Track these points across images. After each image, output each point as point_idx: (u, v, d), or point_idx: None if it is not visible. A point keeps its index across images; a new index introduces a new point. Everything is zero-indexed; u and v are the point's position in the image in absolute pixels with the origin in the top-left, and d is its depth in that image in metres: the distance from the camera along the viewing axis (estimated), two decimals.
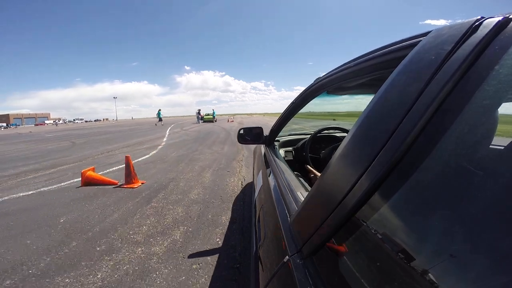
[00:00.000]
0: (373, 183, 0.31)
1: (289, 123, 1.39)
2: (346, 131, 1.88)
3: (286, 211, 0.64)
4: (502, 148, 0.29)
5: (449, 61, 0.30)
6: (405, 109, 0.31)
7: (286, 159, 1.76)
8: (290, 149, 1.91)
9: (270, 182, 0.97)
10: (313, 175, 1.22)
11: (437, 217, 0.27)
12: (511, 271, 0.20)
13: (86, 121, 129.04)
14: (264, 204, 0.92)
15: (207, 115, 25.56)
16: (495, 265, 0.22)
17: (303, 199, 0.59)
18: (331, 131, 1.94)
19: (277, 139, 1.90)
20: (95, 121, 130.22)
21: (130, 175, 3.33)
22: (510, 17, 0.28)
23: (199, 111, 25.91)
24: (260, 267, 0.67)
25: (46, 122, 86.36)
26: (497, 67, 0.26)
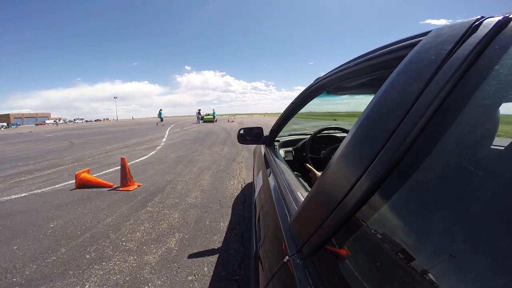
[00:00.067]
0: (373, 183, 0.31)
1: (289, 123, 1.39)
2: (346, 131, 1.88)
3: (286, 211, 0.64)
4: (502, 148, 0.29)
5: (449, 61, 0.30)
6: (405, 109, 0.31)
7: (286, 159, 1.76)
8: (290, 149, 1.91)
9: (270, 182, 0.97)
10: (312, 173, 1.22)
11: (437, 217, 0.27)
12: (511, 271, 0.20)
13: (86, 121, 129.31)
14: (264, 204, 0.92)
15: (207, 115, 25.56)
16: (495, 265, 0.22)
17: (303, 199, 0.59)
18: (331, 131, 1.94)
19: (277, 139, 1.90)
20: (95, 121, 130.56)
21: (125, 177, 3.24)
22: (510, 17, 0.28)
23: (199, 111, 25.91)
24: (260, 267, 0.67)
25: (47, 122, 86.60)
26: (497, 67, 0.26)
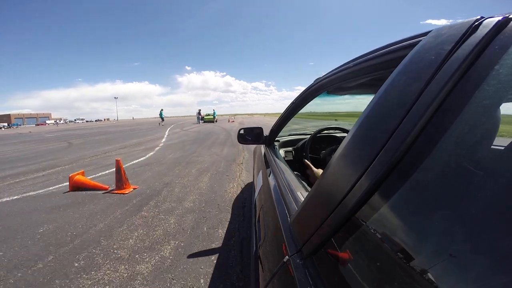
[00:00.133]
0: (373, 183, 0.31)
1: (289, 123, 1.39)
2: (346, 131, 1.88)
3: (286, 211, 0.64)
4: (502, 148, 0.29)
5: (449, 61, 0.30)
6: (405, 109, 0.31)
7: (286, 159, 1.76)
8: (290, 149, 1.91)
9: (270, 182, 0.97)
10: (309, 170, 1.21)
11: (437, 217, 0.27)
12: (511, 271, 0.20)
13: (87, 121, 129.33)
14: (264, 204, 0.92)
15: (207, 115, 25.60)
16: (495, 265, 0.22)
17: (303, 199, 0.59)
18: (331, 131, 1.94)
19: (277, 139, 1.91)
20: (96, 121, 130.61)
21: (121, 180, 3.13)
22: (510, 17, 0.28)
23: (199, 111, 25.94)
24: (260, 267, 0.67)
25: (47, 122, 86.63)
26: (497, 67, 0.26)
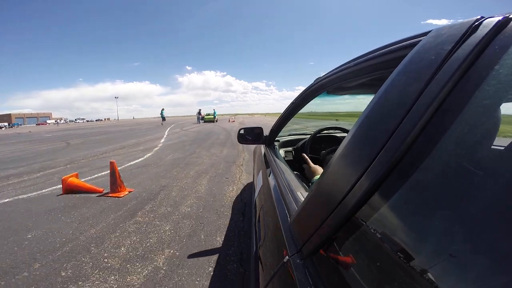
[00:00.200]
0: (373, 183, 0.31)
1: (289, 123, 1.39)
2: (346, 131, 1.88)
3: (286, 211, 0.64)
4: (503, 148, 0.29)
5: (449, 61, 0.30)
6: (405, 109, 0.31)
7: (286, 159, 1.76)
8: (290, 149, 1.91)
9: (270, 182, 0.97)
10: (306, 165, 1.21)
11: (437, 217, 0.27)
12: (511, 271, 0.20)
13: (87, 120, 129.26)
14: (264, 204, 0.92)
15: (207, 115, 25.66)
16: (495, 265, 0.22)
17: (303, 199, 0.59)
18: (331, 131, 1.94)
19: (277, 139, 1.90)
20: (96, 120, 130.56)
21: (115, 182, 3.02)
22: (510, 17, 0.28)
23: (199, 111, 25.97)
24: (260, 267, 0.67)
25: (48, 122, 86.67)
26: (497, 67, 0.26)
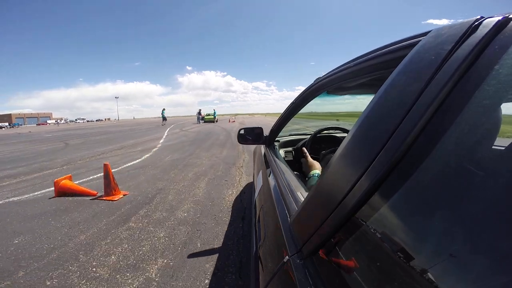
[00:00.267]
0: (373, 183, 0.31)
1: (289, 123, 1.39)
2: (346, 131, 1.88)
3: (286, 211, 0.64)
4: (503, 148, 0.29)
5: (449, 61, 0.30)
6: (405, 109, 0.31)
7: (286, 159, 1.76)
8: (290, 149, 1.91)
9: (270, 182, 0.97)
10: (304, 159, 1.21)
11: (437, 217, 0.27)
12: (511, 271, 0.20)
13: (88, 120, 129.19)
14: (264, 204, 0.92)
15: (207, 115, 25.67)
16: (495, 265, 0.22)
17: (303, 199, 0.59)
18: (331, 131, 1.94)
19: (277, 139, 1.90)
20: (96, 120, 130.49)
21: (109, 185, 2.92)
22: (510, 17, 0.28)
23: (199, 111, 25.99)
24: (260, 267, 0.67)
25: (48, 122, 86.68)
26: (497, 67, 0.26)
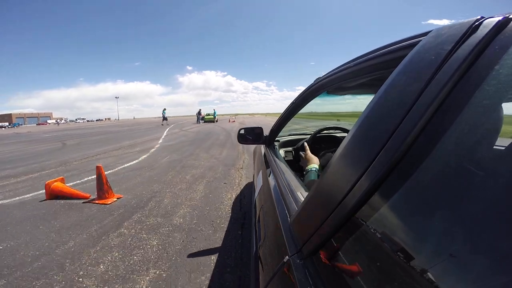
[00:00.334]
0: (373, 183, 0.31)
1: (289, 123, 1.39)
2: (346, 131, 1.88)
3: (286, 211, 0.64)
4: (503, 148, 0.29)
5: (449, 61, 0.30)
6: (405, 109, 0.31)
7: (286, 159, 1.76)
8: (290, 149, 1.91)
9: (270, 182, 0.97)
10: (304, 153, 1.21)
11: (436, 217, 0.27)
12: (511, 271, 0.20)
13: (88, 120, 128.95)
14: (264, 204, 0.92)
15: (207, 115, 25.71)
16: (495, 265, 0.22)
17: (303, 199, 0.59)
18: (331, 131, 1.94)
19: (277, 139, 1.90)
20: (97, 120, 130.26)
21: (102, 188, 2.80)
22: (510, 17, 0.28)
23: (199, 111, 26.00)
24: (260, 267, 0.67)
25: (48, 122, 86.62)
26: (497, 67, 0.26)
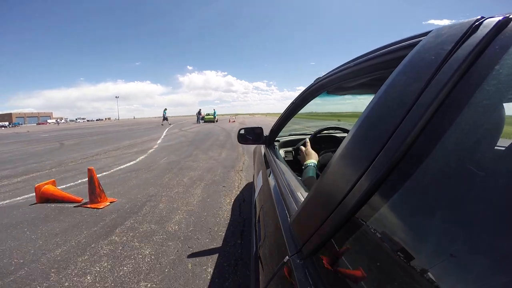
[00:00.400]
0: (373, 183, 0.31)
1: (289, 123, 1.39)
2: (346, 131, 1.88)
3: (286, 211, 0.64)
4: (503, 149, 0.29)
5: (449, 61, 0.30)
6: (405, 109, 0.31)
7: (286, 159, 1.76)
8: (290, 149, 1.91)
9: (270, 182, 0.97)
10: (305, 148, 1.20)
11: (437, 217, 0.27)
12: (511, 271, 0.20)
13: (88, 120, 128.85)
14: (264, 204, 0.92)
15: (207, 115, 25.75)
16: (495, 265, 0.22)
17: (303, 199, 0.59)
18: (331, 131, 1.94)
19: (277, 139, 1.90)
20: (97, 120, 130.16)
21: (94, 192, 2.71)
22: (510, 17, 0.28)
23: (199, 111, 26.02)
24: (260, 267, 0.67)
25: (49, 121, 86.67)
26: (497, 67, 0.26)
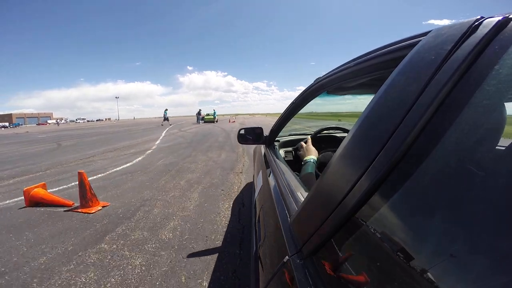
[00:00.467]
0: (373, 183, 0.31)
1: (289, 123, 1.39)
2: (346, 131, 1.88)
3: (286, 211, 0.64)
4: (503, 149, 0.29)
5: (449, 61, 0.30)
6: (405, 109, 0.31)
7: (286, 159, 1.76)
8: (290, 149, 1.91)
9: (270, 182, 0.97)
10: (306, 146, 1.20)
11: (436, 217, 0.27)
12: (511, 271, 0.20)
13: (88, 120, 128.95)
14: (264, 204, 0.92)
15: (207, 115, 25.75)
16: (495, 265, 0.22)
17: (303, 199, 0.59)
18: (331, 131, 1.94)
19: (277, 139, 1.90)
20: (97, 120, 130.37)
21: (85, 196, 2.60)
22: (510, 17, 0.28)
23: (199, 111, 26.03)
24: (260, 267, 0.67)
25: (49, 122, 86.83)
26: (497, 67, 0.26)
